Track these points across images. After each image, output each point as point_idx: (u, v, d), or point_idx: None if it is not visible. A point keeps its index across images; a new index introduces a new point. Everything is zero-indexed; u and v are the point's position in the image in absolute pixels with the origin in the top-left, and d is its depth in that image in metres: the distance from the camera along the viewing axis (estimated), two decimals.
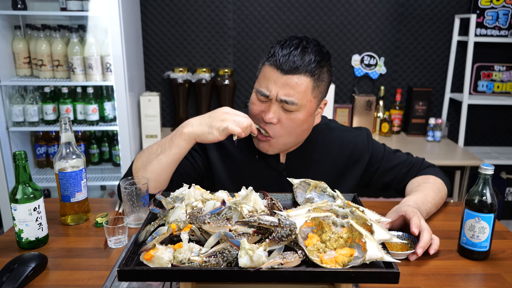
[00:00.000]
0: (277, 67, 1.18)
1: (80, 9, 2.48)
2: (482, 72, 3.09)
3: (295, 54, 1.17)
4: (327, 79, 1.25)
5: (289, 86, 1.17)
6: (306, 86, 1.18)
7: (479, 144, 3.27)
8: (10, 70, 2.61)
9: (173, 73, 2.93)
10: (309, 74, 1.18)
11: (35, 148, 2.84)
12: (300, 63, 1.16)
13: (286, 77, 1.17)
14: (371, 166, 1.42)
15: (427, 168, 1.44)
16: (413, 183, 1.39)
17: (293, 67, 1.16)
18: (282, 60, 1.16)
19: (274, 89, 1.19)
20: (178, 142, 1.23)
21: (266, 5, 2.96)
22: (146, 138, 2.82)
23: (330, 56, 1.26)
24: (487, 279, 1.04)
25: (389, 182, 1.45)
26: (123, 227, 1.17)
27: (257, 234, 0.85)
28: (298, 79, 1.17)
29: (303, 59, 1.17)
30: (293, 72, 1.17)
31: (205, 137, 1.20)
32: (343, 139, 1.41)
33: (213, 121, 1.19)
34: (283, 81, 1.17)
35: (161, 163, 1.25)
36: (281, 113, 1.21)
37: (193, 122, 1.22)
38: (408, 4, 2.99)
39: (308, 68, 1.17)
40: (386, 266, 0.81)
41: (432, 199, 1.30)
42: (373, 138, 1.46)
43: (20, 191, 1.12)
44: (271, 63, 1.20)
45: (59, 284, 1.00)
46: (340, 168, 1.40)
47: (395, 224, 1.19)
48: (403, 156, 1.45)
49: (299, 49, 1.17)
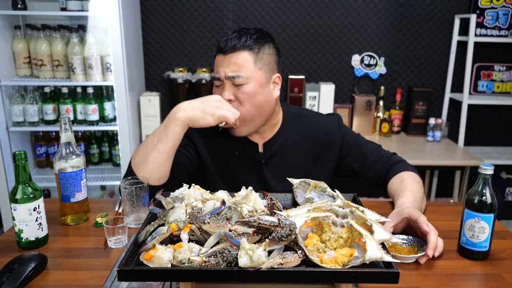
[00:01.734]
0: (220, 51, 1.34)
1: (80, 9, 2.48)
2: (482, 72, 3.09)
3: (232, 37, 1.33)
4: (270, 52, 1.37)
5: (232, 63, 1.32)
6: (247, 59, 1.32)
7: (479, 144, 3.27)
8: (10, 70, 2.61)
9: (173, 73, 2.93)
10: (247, 49, 1.32)
11: (35, 148, 2.84)
12: (237, 42, 1.32)
13: (228, 56, 1.32)
14: (342, 152, 1.50)
15: (394, 165, 1.46)
16: (391, 186, 1.41)
17: (231, 47, 1.32)
18: (223, 45, 1.33)
19: (221, 70, 1.33)
20: (173, 128, 1.27)
21: (266, 5, 2.96)
22: (146, 138, 2.82)
23: (272, 36, 1.40)
24: (487, 279, 1.04)
25: (356, 169, 1.50)
26: (123, 227, 1.17)
27: (257, 234, 0.85)
28: (238, 55, 1.32)
29: (239, 39, 1.32)
30: (232, 51, 1.32)
31: (198, 121, 1.26)
32: (315, 124, 1.50)
33: (207, 107, 1.26)
34: (226, 61, 1.32)
35: (161, 152, 1.28)
36: (235, 90, 1.34)
37: (185, 106, 1.28)
38: (408, 4, 2.99)
39: (246, 44, 1.32)
40: (386, 266, 0.81)
41: (418, 193, 1.32)
42: (344, 124, 1.53)
43: (20, 191, 1.12)
44: (216, 52, 1.36)
45: (59, 284, 1.00)
46: (315, 152, 1.49)
47: (398, 227, 1.19)
48: (373, 147, 1.51)
49: (235, 33, 1.34)
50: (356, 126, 3.05)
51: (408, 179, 1.38)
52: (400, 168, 1.45)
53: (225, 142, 1.46)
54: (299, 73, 3.08)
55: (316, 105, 2.96)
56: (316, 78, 3.11)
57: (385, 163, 1.47)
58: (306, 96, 2.94)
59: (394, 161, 1.48)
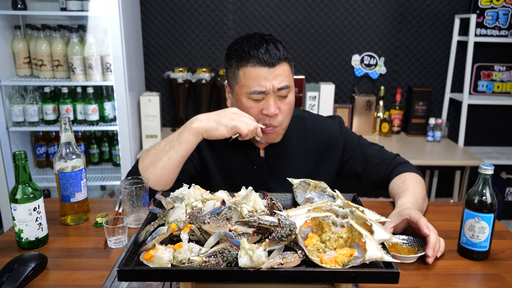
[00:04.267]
0: (263, 64, 1.28)
1: (80, 9, 2.48)
2: (482, 72, 3.09)
3: (272, 48, 1.30)
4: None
5: (279, 75, 1.30)
6: (289, 70, 1.34)
7: (479, 144, 3.27)
8: (10, 70, 2.61)
9: (173, 73, 2.93)
10: (287, 60, 1.33)
11: (35, 148, 2.84)
12: (278, 53, 1.30)
13: (274, 69, 1.29)
14: (345, 155, 1.49)
15: (398, 166, 1.46)
16: (393, 186, 1.41)
17: (276, 59, 1.29)
18: (266, 57, 1.28)
19: (268, 83, 1.29)
20: (187, 137, 1.26)
21: (266, 5, 2.96)
22: (146, 138, 2.82)
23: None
24: (487, 279, 1.04)
25: (360, 172, 1.50)
26: (123, 227, 1.17)
27: (257, 234, 0.85)
28: (282, 66, 1.31)
29: (278, 49, 1.31)
30: (278, 63, 1.30)
31: (212, 132, 1.25)
32: (317, 127, 1.49)
33: (222, 119, 1.25)
34: (273, 73, 1.29)
35: (172, 159, 1.27)
36: (279, 103, 1.33)
37: (202, 117, 1.27)
38: (408, 4, 2.99)
39: (285, 55, 1.33)
40: (386, 266, 0.81)
41: (420, 194, 1.32)
42: (346, 126, 1.54)
43: (20, 191, 1.12)
44: (253, 64, 1.29)
45: (59, 284, 1.00)
46: (318, 156, 1.48)
47: (398, 227, 1.19)
48: (376, 149, 1.51)
49: (270, 44, 1.31)
50: (356, 126, 3.05)
51: (411, 180, 1.37)
52: (403, 169, 1.44)
53: (228, 146, 1.44)
54: (299, 73, 3.08)
55: (316, 105, 2.96)
56: (316, 78, 3.11)
57: (389, 165, 1.46)
58: (306, 96, 2.94)
59: (397, 162, 1.47)
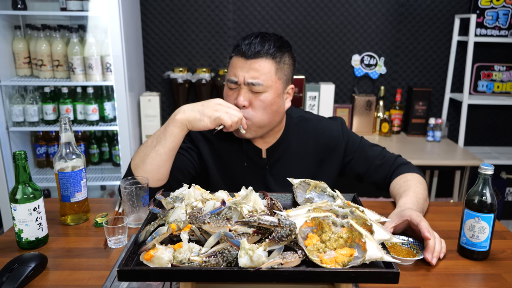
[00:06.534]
0: (241, 55, 1.30)
1: (80, 9, 2.48)
2: (482, 72, 3.09)
3: (255, 41, 1.30)
4: (289, 63, 1.36)
5: (254, 70, 1.29)
6: (269, 68, 1.30)
7: (479, 144, 3.27)
8: (10, 70, 2.61)
9: (173, 73, 2.93)
10: (270, 57, 1.30)
11: (35, 148, 2.84)
12: (261, 48, 1.29)
13: (250, 61, 1.29)
14: (346, 156, 1.49)
15: (400, 167, 1.45)
16: (394, 186, 1.40)
17: (254, 52, 1.28)
18: (245, 48, 1.29)
19: (241, 74, 1.30)
20: (172, 130, 1.26)
21: (266, 5, 2.96)
22: (146, 138, 2.82)
23: (291, 45, 1.38)
24: (487, 279, 1.04)
25: (362, 173, 1.49)
26: (123, 227, 1.17)
27: (257, 234, 0.85)
28: (261, 62, 1.29)
29: (263, 45, 1.29)
30: (255, 57, 1.29)
31: (196, 123, 1.25)
32: (318, 129, 1.48)
33: (205, 109, 1.25)
34: (247, 66, 1.29)
35: (159, 154, 1.27)
36: (251, 96, 1.31)
37: (185, 108, 1.27)
38: (408, 4, 2.99)
39: (269, 52, 1.29)
40: (386, 266, 0.81)
41: (421, 195, 1.32)
42: (348, 127, 1.53)
43: (20, 191, 1.12)
44: (236, 53, 1.32)
45: (59, 284, 1.00)
46: (319, 157, 1.47)
47: (398, 228, 1.18)
48: (378, 150, 1.50)
49: (258, 38, 1.31)
50: (356, 126, 3.05)
51: (412, 180, 1.37)
52: (405, 169, 1.43)
53: (230, 147, 1.44)
54: (299, 73, 3.08)
55: (316, 105, 2.96)
56: (316, 78, 3.11)
57: (390, 166, 1.46)
58: (306, 96, 2.94)
59: (399, 163, 1.47)
